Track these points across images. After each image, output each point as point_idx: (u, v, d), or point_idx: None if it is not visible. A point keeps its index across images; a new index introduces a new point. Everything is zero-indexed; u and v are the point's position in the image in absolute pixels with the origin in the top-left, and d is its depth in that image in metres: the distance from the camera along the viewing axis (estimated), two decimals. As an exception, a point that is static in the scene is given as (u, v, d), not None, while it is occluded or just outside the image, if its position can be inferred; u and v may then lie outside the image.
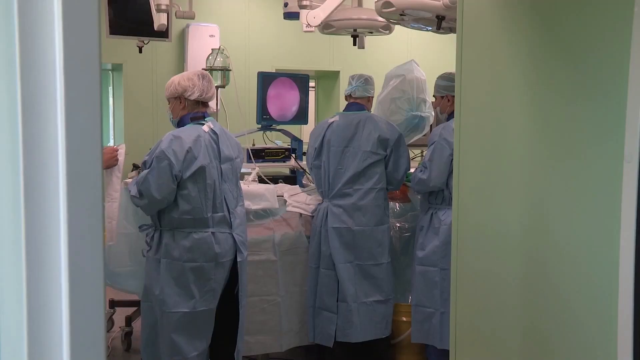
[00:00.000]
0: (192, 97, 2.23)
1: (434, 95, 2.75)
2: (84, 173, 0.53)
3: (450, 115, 2.64)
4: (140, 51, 3.38)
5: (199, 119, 2.25)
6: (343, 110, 2.80)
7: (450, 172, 2.41)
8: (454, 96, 2.60)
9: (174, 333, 2.16)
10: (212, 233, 2.18)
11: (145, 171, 2.14)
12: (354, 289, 2.64)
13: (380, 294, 2.68)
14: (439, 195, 2.58)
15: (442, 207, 2.56)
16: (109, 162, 2.37)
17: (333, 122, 2.72)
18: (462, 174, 1.51)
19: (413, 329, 2.61)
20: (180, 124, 2.26)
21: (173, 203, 2.15)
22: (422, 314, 2.57)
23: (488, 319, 1.43)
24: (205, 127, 2.20)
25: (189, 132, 2.16)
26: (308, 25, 3.00)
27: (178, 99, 2.24)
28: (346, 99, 2.84)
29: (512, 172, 1.35)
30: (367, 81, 2.80)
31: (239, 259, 2.25)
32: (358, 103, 2.76)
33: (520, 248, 1.34)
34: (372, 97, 2.83)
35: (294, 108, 3.27)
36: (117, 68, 4.91)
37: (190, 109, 2.25)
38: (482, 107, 1.45)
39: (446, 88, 2.63)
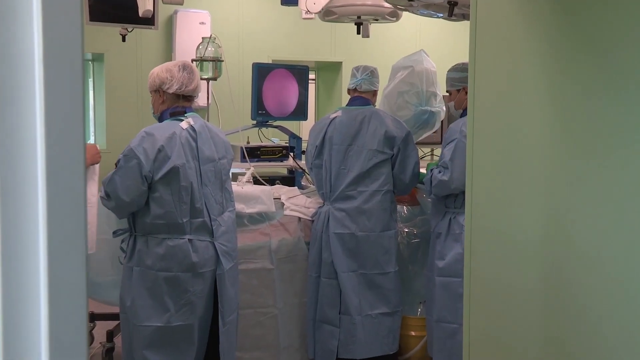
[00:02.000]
0: (171, 91, 2.21)
1: (447, 91, 2.73)
2: (65, 175, 0.53)
3: (465, 111, 2.63)
4: (124, 40, 3.39)
5: (179, 114, 2.22)
6: (346, 105, 2.79)
7: None
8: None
9: (147, 349, 2.14)
10: (190, 240, 2.16)
11: (113, 171, 2.13)
12: (358, 300, 2.63)
13: (387, 305, 2.67)
14: (458, 199, 2.55)
15: (462, 212, 2.52)
16: (93, 158, 2.36)
17: (335, 118, 2.72)
18: (475, 174, 1.51)
19: (435, 347, 2.56)
20: (160, 119, 2.25)
21: (145, 206, 2.13)
22: (445, 331, 2.52)
23: (505, 330, 1.43)
24: (183, 124, 2.18)
25: (163, 129, 2.14)
26: (307, 11, 3.00)
27: (157, 92, 2.24)
28: (349, 93, 2.83)
29: (531, 173, 1.35)
30: (372, 73, 2.80)
31: (218, 272, 2.22)
32: (362, 97, 2.76)
33: (539, 254, 1.34)
34: (377, 90, 2.82)
35: (292, 102, 3.27)
36: (97, 58, 4.91)
37: (170, 104, 2.24)
38: (498, 101, 1.45)
39: (461, 80, 2.60)
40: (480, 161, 1.51)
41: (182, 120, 2.20)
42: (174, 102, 2.23)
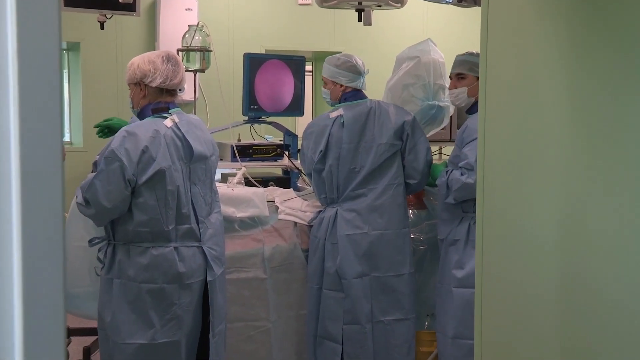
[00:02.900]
0: (154, 84, 2.19)
1: (460, 74, 2.64)
2: (41, 177, 0.53)
3: (475, 107, 2.63)
4: (102, 27, 3.39)
5: (162, 110, 2.21)
6: (344, 101, 2.76)
7: None
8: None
9: None
10: (175, 248, 2.16)
11: (92, 174, 2.12)
12: (369, 306, 2.64)
13: (401, 311, 2.68)
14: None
15: None
16: None
17: (337, 116, 2.72)
18: (487, 172, 1.52)
19: None
20: (141, 115, 2.24)
21: (127, 213, 2.12)
22: (463, 348, 2.50)
23: (520, 338, 1.44)
24: (167, 122, 2.17)
25: (146, 127, 2.13)
26: (304, -3, 2.99)
27: (138, 85, 2.21)
28: (343, 90, 2.77)
29: (546, 171, 1.36)
30: (356, 62, 2.77)
31: (209, 278, 2.22)
32: (358, 90, 2.77)
33: (557, 256, 1.35)
34: None
35: (287, 97, 3.28)
36: (73, 48, 4.91)
37: (152, 98, 2.21)
38: (512, 95, 1.46)
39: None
40: (492, 158, 1.51)
41: (166, 117, 2.18)
42: (157, 97, 2.21)
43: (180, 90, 2.33)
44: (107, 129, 2.61)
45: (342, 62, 2.75)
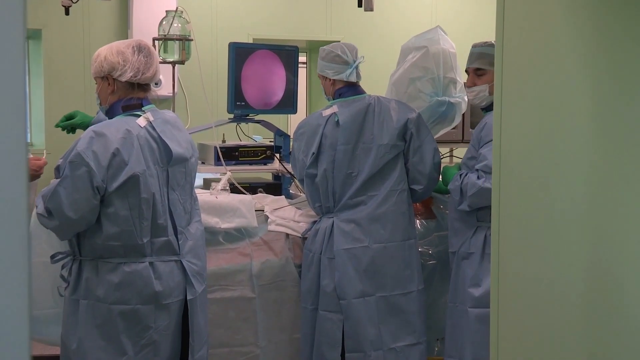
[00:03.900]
0: (124, 78, 2.19)
1: (479, 69, 2.64)
2: (2, 183, 0.54)
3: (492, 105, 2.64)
4: (67, 12, 3.40)
5: (134, 107, 2.22)
6: (338, 97, 2.77)
7: None
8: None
9: None
10: (151, 264, 2.16)
11: (55, 181, 2.11)
12: (375, 331, 2.64)
13: (412, 334, 2.68)
14: None
15: None
16: (33, 172, 2.36)
17: (331, 114, 2.73)
18: (504, 169, 1.54)
19: None
20: (110, 113, 2.24)
21: (95, 224, 2.12)
22: None
23: (540, 347, 1.45)
24: (141, 120, 2.17)
25: (116, 127, 2.13)
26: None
27: (106, 79, 2.22)
28: (333, 85, 2.78)
29: (570, 174, 1.38)
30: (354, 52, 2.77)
31: (189, 296, 2.23)
32: (355, 84, 2.78)
33: (581, 257, 1.36)
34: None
35: (278, 92, 3.30)
36: (34, 35, 4.92)
37: (122, 94, 2.22)
38: (531, 91, 1.48)
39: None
40: (509, 159, 1.53)
41: (139, 115, 2.19)
42: (127, 93, 2.22)
43: (157, 84, 2.34)
44: (71, 128, 2.62)
45: (327, 54, 2.76)
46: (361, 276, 2.64)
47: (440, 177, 2.80)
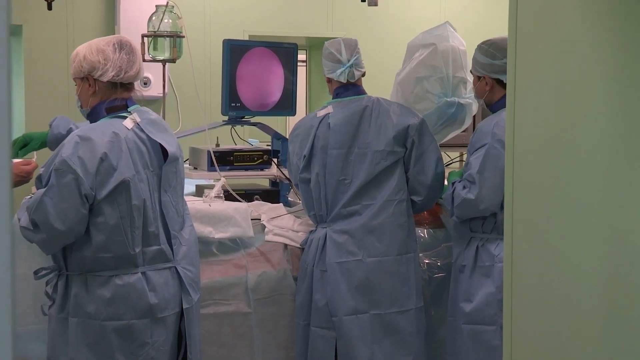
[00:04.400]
0: (105, 79, 2.19)
1: (470, 71, 2.80)
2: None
3: (496, 104, 2.67)
4: (50, 7, 3.42)
5: (119, 109, 2.22)
6: (336, 97, 2.79)
7: None
8: (495, 79, 2.64)
9: None
10: (143, 274, 2.17)
11: (40, 191, 2.10)
12: (369, 351, 2.64)
13: (409, 356, 2.68)
14: (488, 222, 2.59)
15: (494, 238, 2.57)
16: (17, 179, 2.37)
17: (325, 115, 2.73)
18: (517, 170, 1.55)
19: None
20: (93, 116, 2.24)
21: (84, 235, 2.12)
22: None
23: (557, 355, 1.46)
24: (127, 122, 2.18)
25: (102, 130, 2.13)
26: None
27: (86, 80, 2.22)
28: (330, 83, 2.81)
29: (586, 172, 1.39)
30: (357, 50, 2.78)
31: (185, 305, 2.24)
32: (354, 84, 2.78)
33: (599, 264, 1.37)
34: (364, 71, 2.83)
35: (275, 92, 3.31)
36: (14, 31, 4.92)
37: (104, 95, 2.22)
38: (545, 86, 1.49)
39: (485, 67, 2.66)
40: (522, 159, 1.54)
41: (125, 117, 2.20)
42: (110, 94, 2.22)
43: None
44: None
45: (324, 49, 2.80)
46: (353, 292, 2.63)
47: (446, 182, 2.82)
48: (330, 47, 2.77)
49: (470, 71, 2.79)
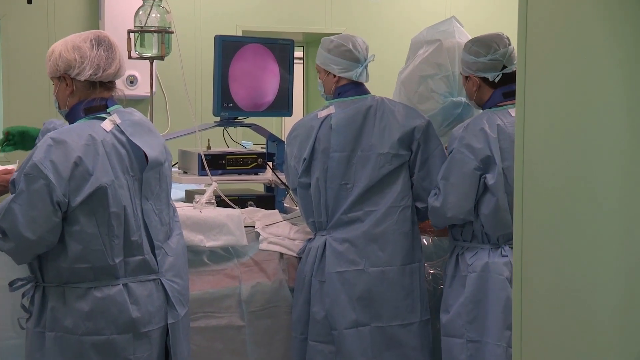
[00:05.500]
0: (82, 77, 2.19)
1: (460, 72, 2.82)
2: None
3: (486, 103, 2.68)
4: (29, 1, 3.42)
5: (98, 109, 2.21)
6: (337, 97, 2.78)
7: (481, 196, 2.53)
8: (482, 78, 2.64)
9: None
10: (125, 286, 2.17)
11: (9, 197, 2.10)
12: None
13: None
14: (466, 230, 2.64)
15: (472, 247, 2.61)
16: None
17: (327, 116, 2.74)
18: (527, 171, 1.56)
19: None
20: (71, 117, 2.24)
21: (59, 245, 2.12)
22: None
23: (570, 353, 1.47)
24: (106, 124, 2.17)
25: (78, 132, 2.13)
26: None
27: (63, 79, 2.22)
28: (337, 82, 2.79)
29: (599, 172, 1.40)
30: (365, 47, 2.79)
31: (170, 320, 2.24)
32: (357, 83, 2.78)
33: (614, 267, 1.38)
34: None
35: (270, 91, 3.32)
36: (-8, 27, 4.95)
37: (83, 95, 2.22)
38: (558, 87, 1.50)
39: (470, 66, 2.67)
40: (532, 160, 1.55)
41: (104, 118, 2.19)
42: (89, 93, 2.22)
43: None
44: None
45: (335, 46, 2.75)
46: (354, 304, 2.64)
47: None
48: (345, 43, 2.74)
49: (460, 72, 2.80)
